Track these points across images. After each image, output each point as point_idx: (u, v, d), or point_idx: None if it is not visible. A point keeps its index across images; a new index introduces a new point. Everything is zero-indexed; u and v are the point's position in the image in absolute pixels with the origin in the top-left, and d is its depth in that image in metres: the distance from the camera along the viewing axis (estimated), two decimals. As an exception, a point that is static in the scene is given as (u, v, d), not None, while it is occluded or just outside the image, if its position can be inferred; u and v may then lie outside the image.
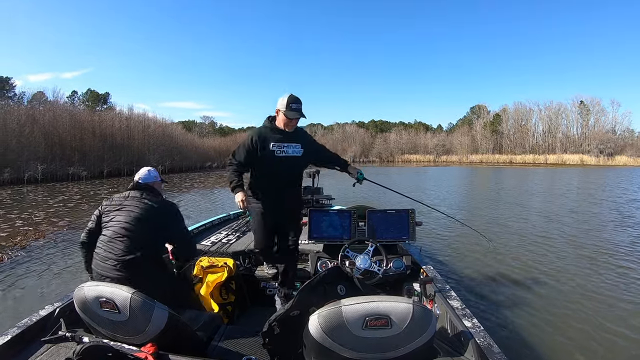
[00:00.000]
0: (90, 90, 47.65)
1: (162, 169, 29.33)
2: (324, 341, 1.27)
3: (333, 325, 1.25)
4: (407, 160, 61.53)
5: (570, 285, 4.51)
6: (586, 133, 57.18)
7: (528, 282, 4.59)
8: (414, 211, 3.04)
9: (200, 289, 2.59)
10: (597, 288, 4.39)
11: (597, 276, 4.81)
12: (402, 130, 67.44)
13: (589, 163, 49.53)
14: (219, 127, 65.65)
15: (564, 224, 8.45)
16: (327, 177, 3.35)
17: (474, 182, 22.84)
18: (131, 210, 2.15)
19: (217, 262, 2.71)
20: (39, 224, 8.48)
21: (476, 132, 63.61)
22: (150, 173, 2.42)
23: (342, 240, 2.94)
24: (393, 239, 2.99)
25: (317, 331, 1.27)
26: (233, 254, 3.09)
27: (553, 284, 4.57)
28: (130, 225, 2.09)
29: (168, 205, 2.29)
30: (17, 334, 1.67)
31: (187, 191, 17.00)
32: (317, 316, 1.28)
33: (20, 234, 7.47)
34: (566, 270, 5.06)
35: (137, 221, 2.11)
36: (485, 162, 55.77)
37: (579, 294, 4.24)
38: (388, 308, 1.25)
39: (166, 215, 2.22)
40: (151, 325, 1.49)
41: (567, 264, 5.36)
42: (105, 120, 29.52)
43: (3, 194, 14.80)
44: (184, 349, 1.56)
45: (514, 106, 64.10)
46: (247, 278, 2.95)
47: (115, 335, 1.53)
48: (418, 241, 3.27)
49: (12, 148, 20.21)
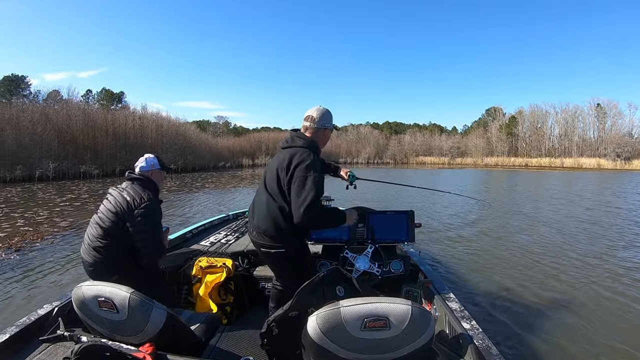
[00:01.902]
0: (104, 89, 48.06)
1: (174, 168, 29.34)
2: (323, 342, 1.26)
3: (331, 326, 1.24)
4: (421, 162, 61.07)
5: (570, 289, 4.48)
6: (603, 136, 55.56)
7: (527, 285, 4.56)
8: (414, 213, 2.99)
9: (199, 289, 2.59)
10: (598, 291, 4.39)
11: (597, 280, 4.77)
12: (416, 132, 67.17)
13: (606, 167, 48.10)
14: (233, 127, 65.81)
15: (564, 229, 8.20)
16: (326, 178, 3.18)
17: (489, 185, 22.11)
18: (109, 201, 2.21)
19: (216, 262, 2.69)
20: (40, 224, 8.15)
21: (491, 135, 62.59)
22: (147, 161, 2.37)
23: (342, 241, 2.89)
24: (392, 241, 2.94)
25: (315, 332, 1.26)
26: (232, 254, 3.04)
27: (552, 287, 4.54)
28: (103, 216, 2.17)
29: (141, 202, 2.18)
30: (16, 332, 1.69)
31: (197, 191, 16.60)
32: (315, 317, 1.27)
33: (19, 234, 7.11)
34: (566, 274, 5.03)
35: (109, 213, 2.15)
36: (501, 164, 54.86)
37: (579, 297, 4.23)
38: (387, 309, 1.24)
39: (132, 211, 2.15)
40: (149, 325, 1.48)
41: (567, 268, 5.29)
42: (119, 119, 29.61)
43: (13, 191, 14.64)
44: (182, 349, 1.55)
45: (529, 108, 63.01)
46: (246, 279, 2.92)
47: (113, 335, 1.52)
48: (417, 243, 3.31)
49: (24, 146, 20.31)
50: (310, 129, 2.18)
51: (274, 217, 2.05)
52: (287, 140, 2.20)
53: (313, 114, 2.18)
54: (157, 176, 2.40)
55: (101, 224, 2.13)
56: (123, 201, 2.15)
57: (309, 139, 2.15)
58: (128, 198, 2.16)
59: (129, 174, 2.32)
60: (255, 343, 1.72)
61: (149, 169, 2.35)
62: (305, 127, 2.19)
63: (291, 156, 2.04)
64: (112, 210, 2.15)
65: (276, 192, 2.06)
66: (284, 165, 2.02)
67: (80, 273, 4.47)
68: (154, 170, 2.37)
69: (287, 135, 2.24)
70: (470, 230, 7.87)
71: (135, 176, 2.30)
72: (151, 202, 2.19)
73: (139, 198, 2.17)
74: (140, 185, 2.25)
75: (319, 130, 2.19)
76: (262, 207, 2.12)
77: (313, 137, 2.17)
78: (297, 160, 2.01)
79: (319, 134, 2.20)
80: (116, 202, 2.16)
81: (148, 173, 2.34)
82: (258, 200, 2.19)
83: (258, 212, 2.14)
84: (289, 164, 2.01)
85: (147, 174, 2.33)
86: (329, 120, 2.22)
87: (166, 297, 2.15)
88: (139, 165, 2.34)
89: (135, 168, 2.36)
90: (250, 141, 49.27)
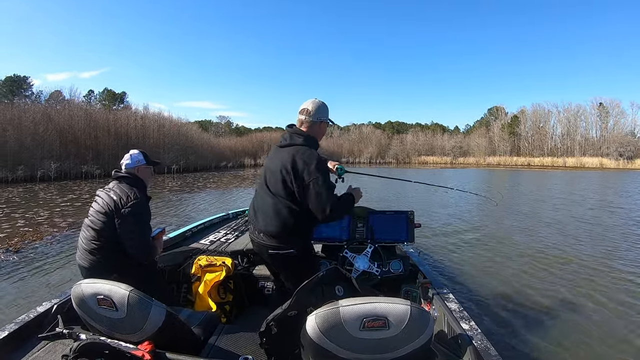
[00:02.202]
0: (106, 89, 48.10)
1: (176, 168, 29.35)
2: (321, 341, 1.26)
3: (330, 326, 1.24)
4: (423, 162, 60.88)
5: (570, 290, 4.46)
6: (605, 136, 55.41)
7: (526, 286, 4.56)
8: (413, 213, 3.00)
9: (198, 287, 2.57)
10: (599, 292, 4.37)
11: (597, 281, 4.75)
12: (418, 132, 67.02)
13: (608, 166, 48.04)
14: (235, 127, 65.79)
15: (565, 229, 8.13)
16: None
17: (491, 184, 21.92)
18: (98, 202, 2.19)
19: (215, 261, 2.67)
20: (40, 224, 8.15)
21: (494, 134, 62.35)
22: (132, 158, 2.32)
23: (341, 241, 2.91)
24: (392, 241, 2.95)
25: (314, 331, 1.26)
26: (231, 253, 3.03)
27: (551, 288, 4.51)
28: (94, 218, 2.16)
29: (128, 201, 2.14)
30: (14, 330, 1.69)
31: (198, 191, 16.56)
32: (314, 316, 1.26)
33: (19, 234, 7.09)
34: (566, 275, 5.01)
35: (99, 214, 2.14)
36: (503, 164, 54.87)
37: (578, 298, 4.21)
38: (386, 309, 1.24)
39: (119, 210, 2.12)
40: (148, 323, 1.47)
41: (567, 269, 5.26)
42: (120, 119, 29.63)
43: (14, 191, 14.63)
44: (181, 347, 1.54)
45: (532, 108, 62.85)
46: (245, 277, 2.90)
47: (112, 333, 1.51)
48: (417, 243, 3.31)
49: (26, 146, 20.31)
50: (306, 122, 2.11)
51: (283, 219, 2.01)
52: (285, 139, 2.13)
53: (308, 107, 2.11)
54: (144, 172, 2.35)
55: (93, 226, 2.13)
56: (110, 201, 2.13)
57: (306, 134, 2.09)
58: (115, 197, 2.14)
59: (115, 172, 2.29)
60: (254, 342, 1.72)
61: (134, 165, 2.31)
62: (301, 120, 2.12)
63: (294, 156, 1.98)
64: (101, 211, 2.13)
65: (283, 194, 2.00)
66: (289, 167, 1.96)
67: (75, 273, 4.45)
68: (140, 166, 2.33)
69: (285, 133, 2.17)
70: (470, 231, 7.84)
71: (121, 175, 2.27)
72: (138, 200, 2.16)
73: (125, 196, 2.14)
74: (127, 183, 2.23)
75: (314, 124, 2.12)
76: (268, 210, 2.06)
77: (310, 132, 2.10)
78: (301, 160, 1.96)
79: (315, 128, 2.13)
80: (104, 203, 2.14)
81: (134, 170, 2.30)
82: (261, 202, 2.13)
83: (264, 214, 2.09)
84: (294, 165, 1.96)
85: (133, 171, 2.30)
86: (324, 113, 2.15)
87: (165, 296, 2.14)
88: (124, 163, 2.30)
89: (121, 166, 2.31)
90: (252, 141, 49.23)
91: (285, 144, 2.10)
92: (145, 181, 2.36)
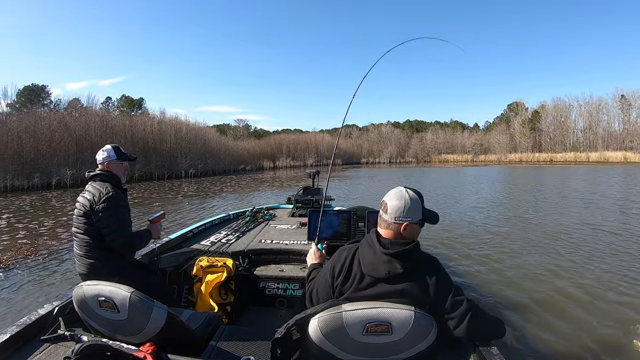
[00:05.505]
0: (124, 96, 48.48)
1: (193, 172, 28.92)
2: (324, 344, 1.25)
3: (333, 330, 1.23)
4: (444, 160, 59.80)
5: (575, 293, 4.27)
6: (628, 128, 53.70)
7: (528, 287, 4.44)
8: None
9: (200, 288, 2.57)
10: (600, 294, 4.21)
11: (600, 280, 4.60)
12: (438, 130, 66.21)
13: (632, 160, 45.23)
14: (253, 130, 65.44)
15: (569, 227, 7.77)
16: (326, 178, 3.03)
17: (513, 185, 20.34)
18: (76, 207, 2.23)
19: (216, 262, 2.67)
20: (41, 236, 7.48)
21: (514, 130, 61.22)
22: (102, 154, 2.35)
23: (342, 241, 2.86)
24: None
25: (316, 335, 1.25)
26: (232, 254, 3.02)
27: (556, 290, 4.36)
28: (77, 223, 2.21)
29: (100, 197, 2.16)
30: (16, 332, 1.66)
31: (213, 196, 15.78)
32: (317, 320, 1.25)
33: (14, 248, 6.39)
34: (572, 277, 4.78)
35: (80, 218, 2.18)
36: (525, 160, 53.31)
37: (583, 300, 4.08)
38: (389, 315, 1.22)
39: (94, 207, 2.13)
40: (150, 325, 1.47)
41: (575, 273, 4.97)
42: (137, 125, 29.35)
43: (27, 199, 14.19)
44: (182, 348, 1.53)
45: (552, 102, 61.08)
46: (246, 278, 2.88)
47: (114, 335, 1.52)
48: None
49: (42, 153, 20.11)
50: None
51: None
52: None
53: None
54: (115, 167, 2.35)
55: (78, 231, 2.19)
56: (85, 202, 2.17)
57: None
58: (89, 197, 2.18)
59: (88, 173, 2.33)
60: (256, 343, 1.78)
61: (104, 161, 2.33)
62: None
63: None
64: (80, 214, 2.18)
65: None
66: None
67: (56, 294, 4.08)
68: (110, 161, 2.34)
69: None
70: (474, 232, 7.50)
71: (93, 174, 2.30)
72: (110, 194, 2.18)
73: (97, 193, 2.18)
74: (99, 180, 2.26)
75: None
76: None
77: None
78: None
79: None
80: (81, 206, 2.19)
81: (104, 165, 2.33)
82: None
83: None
84: None
85: (103, 167, 2.33)
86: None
87: (166, 297, 2.14)
88: (97, 159, 2.35)
89: (95, 166, 2.37)
90: (271, 143, 48.72)
91: None
92: (118, 175, 2.36)
